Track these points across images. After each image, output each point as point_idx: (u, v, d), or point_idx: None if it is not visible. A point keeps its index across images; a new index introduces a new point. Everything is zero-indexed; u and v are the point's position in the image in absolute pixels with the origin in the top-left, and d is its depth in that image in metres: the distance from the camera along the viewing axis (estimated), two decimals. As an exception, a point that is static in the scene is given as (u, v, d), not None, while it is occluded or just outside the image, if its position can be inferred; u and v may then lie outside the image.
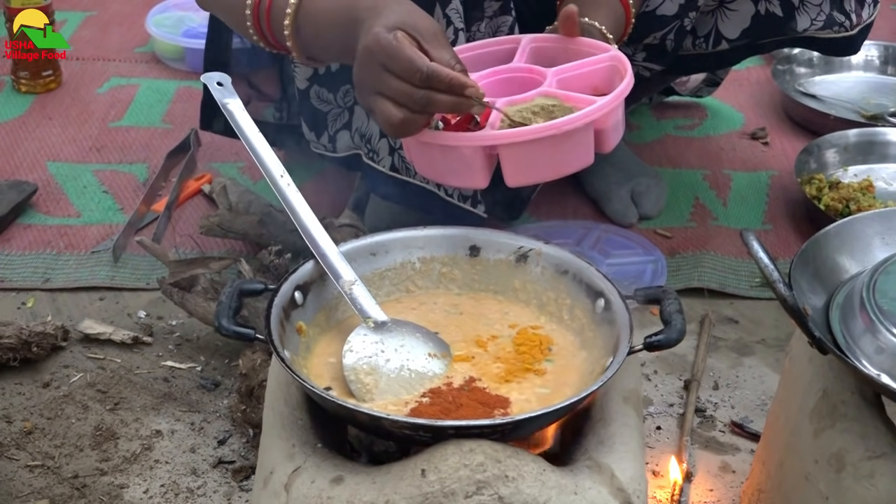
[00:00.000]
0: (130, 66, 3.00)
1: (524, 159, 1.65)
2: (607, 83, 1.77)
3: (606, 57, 1.78)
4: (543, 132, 1.62)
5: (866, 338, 1.40)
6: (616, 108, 1.69)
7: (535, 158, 1.65)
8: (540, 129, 1.62)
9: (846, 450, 1.41)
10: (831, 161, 2.54)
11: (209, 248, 2.27)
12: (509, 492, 1.29)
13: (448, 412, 1.39)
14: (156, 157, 2.58)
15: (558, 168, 1.69)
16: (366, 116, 2.09)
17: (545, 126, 1.62)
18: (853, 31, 2.22)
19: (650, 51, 2.19)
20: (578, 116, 1.63)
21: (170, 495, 1.77)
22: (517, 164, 1.65)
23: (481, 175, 1.67)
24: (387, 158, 2.05)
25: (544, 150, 1.64)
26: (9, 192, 2.40)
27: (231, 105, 1.64)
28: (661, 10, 2.10)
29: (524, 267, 1.62)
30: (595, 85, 1.77)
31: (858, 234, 1.56)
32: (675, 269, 2.25)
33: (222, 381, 1.98)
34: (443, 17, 1.96)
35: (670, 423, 1.92)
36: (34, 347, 1.98)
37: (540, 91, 1.74)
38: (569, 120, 1.62)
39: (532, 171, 1.68)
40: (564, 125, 1.62)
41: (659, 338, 1.43)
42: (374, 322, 1.49)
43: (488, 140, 1.63)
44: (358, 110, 2.11)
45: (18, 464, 1.81)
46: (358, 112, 2.11)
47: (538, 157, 1.65)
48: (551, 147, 1.64)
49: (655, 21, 2.12)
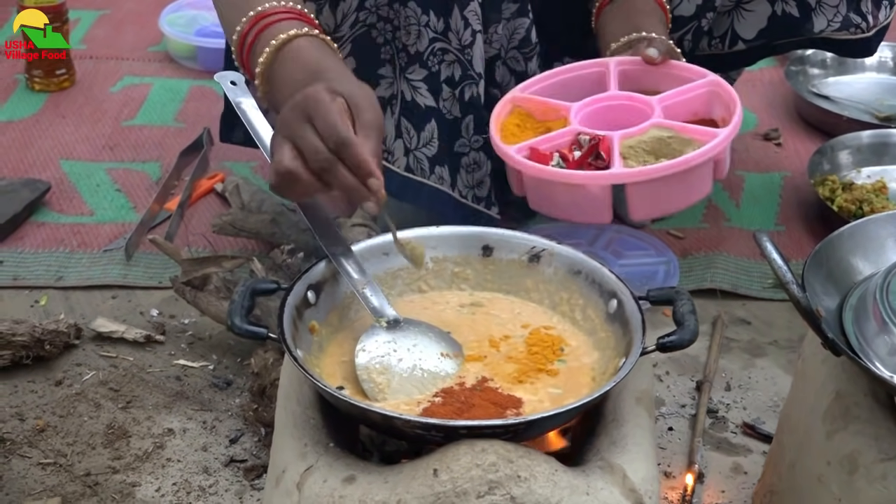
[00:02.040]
0: (143, 65, 3.00)
1: (652, 194, 1.67)
2: (707, 108, 1.81)
3: (705, 82, 1.81)
4: (674, 168, 1.64)
5: (880, 339, 1.40)
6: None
7: (662, 192, 1.68)
8: (671, 165, 1.65)
9: (859, 452, 1.41)
10: (844, 162, 2.53)
11: (222, 246, 2.27)
12: (521, 492, 1.29)
13: (460, 412, 1.39)
14: (169, 155, 2.58)
15: (683, 200, 1.72)
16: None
17: (676, 162, 1.65)
18: (869, 33, 2.21)
19: None
20: (705, 151, 1.66)
21: (182, 494, 1.77)
22: (645, 199, 1.68)
23: (608, 211, 1.69)
24: (402, 159, 2.05)
25: (671, 185, 1.66)
26: (22, 190, 2.40)
27: (244, 104, 1.65)
28: (678, 11, 2.11)
29: (537, 267, 1.61)
30: (695, 110, 1.80)
31: (872, 235, 1.56)
32: (687, 269, 2.25)
33: (234, 380, 1.98)
34: (461, 18, 1.96)
35: (682, 424, 1.91)
36: (47, 345, 1.98)
37: (654, 122, 1.75)
38: (696, 155, 1.65)
39: (658, 205, 1.72)
40: (693, 161, 1.64)
41: (672, 339, 1.43)
42: (387, 321, 1.49)
43: (621, 179, 1.65)
44: None
45: (31, 461, 1.82)
46: None
47: (665, 191, 1.68)
48: (678, 181, 1.67)
49: (673, 21, 2.12)
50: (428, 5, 1.97)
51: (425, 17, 1.98)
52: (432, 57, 2.00)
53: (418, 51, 2.01)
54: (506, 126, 1.93)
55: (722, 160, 1.74)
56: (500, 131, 1.90)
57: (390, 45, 2.03)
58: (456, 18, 1.96)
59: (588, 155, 1.74)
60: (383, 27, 2.00)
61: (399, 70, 2.04)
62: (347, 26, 1.97)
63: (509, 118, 1.94)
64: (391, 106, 2.06)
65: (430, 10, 1.97)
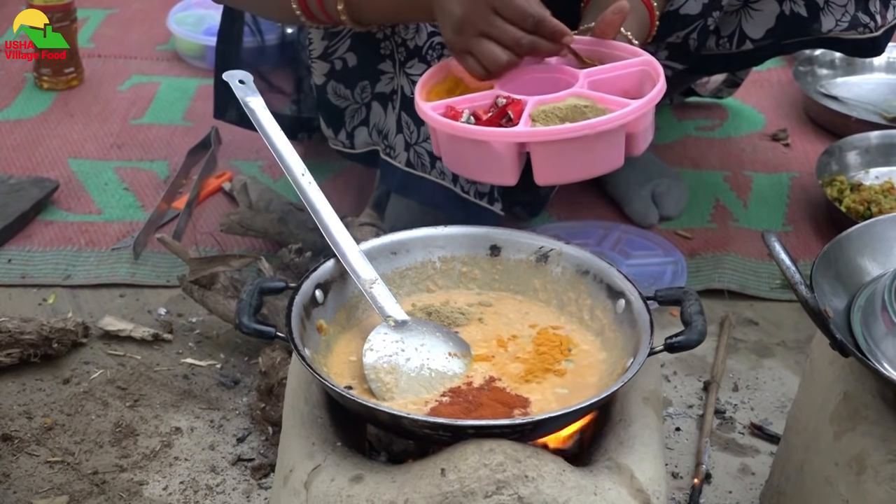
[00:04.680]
0: (152, 64, 3.00)
1: (556, 158, 1.65)
2: (638, 88, 1.78)
3: (639, 62, 1.78)
4: (577, 132, 1.62)
5: (888, 340, 1.40)
6: (648, 112, 1.70)
7: (566, 158, 1.65)
8: (574, 128, 1.62)
9: (867, 452, 1.41)
10: (853, 163, 2.53)
11: (229, 245, 2.27)
12: (529, 492, 1.29)
13: (468, 412, 1.39)
14: (177, 154, 2.58)
15: (589, 169, 1.69)
16: (383, 112, 2.09)
17: (579, 126, 1.63)
18: (878, 33, 2.21)
19: (673, 49, 2.18)
20: (613, 118, 1.64)
21: (189, 492, 1.77)
22: (548, 163, 1.65)
23: (511, 172, 1.67)
24: (402, 154, 2.06)
25: (576, 150, 1.64)
26: (30, 188, 2.41)
27: (253, 103, 1.64)
28: (684, 9, 2.10)
29: (545, 267, 1.61)
30: (626, 89, 1.78)
31: (880, 236, 1.56)
32: (695, 270, 2.25)
33: (242, 379, 1.99)
34: None
35: (690, 425, 1.91)
36: (55, 344, 1.99)
37: (573, 91, 1.74)
38: (603, 121, 1.63)
39: (562, 171, 1.69)
40: (599, 126, 1.62)
41: (679, 339, 1.42)
42: (395, 321, 1.49)
43: (522, 137, 1.64)
44: (375, 106, 2.11)
45: (38, 459, 1.82)
46: (375, 108, 2.11)
47: (570, 156, 1.65)
48: (583, 147, 1.64)
49: (679, 20, 2.11)
50: None
51: None
52: (431, 51, 2.01)
53: (417, 45, 2.01)
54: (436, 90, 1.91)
55: (637, 133, 1.71)
56: (427, 93, 1.88)
57: (390, 41, 2.03)
58: None
59: (499, 116, 1.73)
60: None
61: (399, 65, 2.04)
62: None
63: (442, 83, 1.92)
64: (392, 101, 2.06)
65: None
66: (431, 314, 1.56)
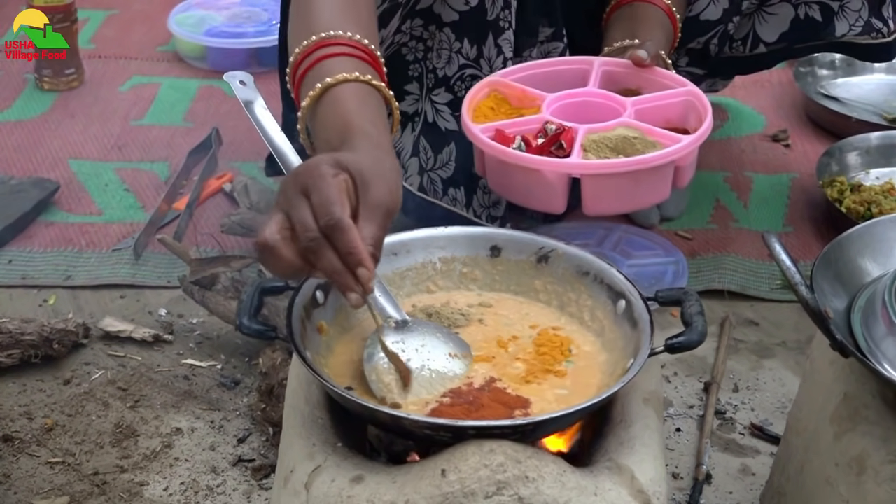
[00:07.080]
0: (152, 65, 3.00)
1: (607, 191, 1.66)
2: (681, 117, 1.80)
3: (683, 91, 1.80)
4: (631, 166, 1.63)
5: (888, 341, 1.40)
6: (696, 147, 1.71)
7: (617, 190, 1.67)
8: (628, 162, 1.64)
9: (867, 453, 1.41)
10: (853, 164, 2.53)
11: (230, 246, 2.27)
12: (529, 492, 1.29)
13: (468, 412, 1.39)
14: (177, 155, 2.59)
15: (637, 201, 1.72)
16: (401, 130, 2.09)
17: (633, 160, 1.64)
18: (890, 38, 2.22)
19: (693, 55, 2.19)
20: (665, 153, 1.65)
21: (189, 493, 1.77)
22: (599, 194, 1.67)
23: (560, 201, 1.69)
24: (415, 177, 2.05)
25: (627, 183, 1.66)
26: (31, 189, 2.41)
27: (253, 104, 1.64)
28: (704, 16, 2.10)
29: (545, 267, 1.61)
30: (669, 118, 1.80)
31: (880, 237, 1.56)
32: (695, 270, 2.25)
33: (242, 380, 1.99)
34: (494, 46, 1.97)
35: (690, 425, 1.91)
36: (55, 345, 1.99)
37: (622, 122, 1.76)
38: (657, 156, 1.64)
39: (612, 202, 1.71)
40: (652, 161, 1.64)
41: (680, 340, 1.43)
42: (395, 322, 1.49)
43: (577, 169, 1.65)
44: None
45: (39, 460, 1.82)
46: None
47: (620, 189, 1.67)
48: (634, 180, 1.66)
49: (699, 26, 2.12)
50: (463, 33, 1.97)
51: (458, 43, 1.98)
52: (460, 82, 2.01)
53: (446, 75, 2.01)
54: (480, 108, 1.92)
55: (684, 167, 1.73)
56: (472, 111, 1.89)
57: (420, 64, 2.03)
58: (489, 46, 1.97)
59: (551, 143, 1.73)
60: (415, 46, 2.00)
61: (426, 90, 2.04)
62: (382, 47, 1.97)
63: (485, 101, 1.94)
64: (412, 122, 2.06)
65: (464, 38, 1.98)
66: (432, 315, 1.56)
